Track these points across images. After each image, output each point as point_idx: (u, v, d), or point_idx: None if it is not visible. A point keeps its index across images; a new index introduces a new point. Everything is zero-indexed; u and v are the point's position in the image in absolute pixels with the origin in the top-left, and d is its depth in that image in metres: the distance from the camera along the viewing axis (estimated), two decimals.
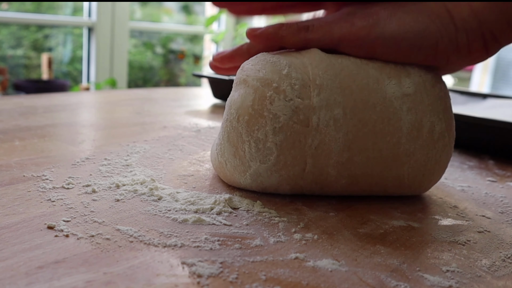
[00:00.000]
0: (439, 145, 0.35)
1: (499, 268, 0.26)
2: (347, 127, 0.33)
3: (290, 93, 0.33)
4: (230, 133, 0.34)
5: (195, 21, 3.10)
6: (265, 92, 0.33)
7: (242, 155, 0.33)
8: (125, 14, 2.42)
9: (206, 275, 0.23)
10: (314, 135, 0.33)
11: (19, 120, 0.54)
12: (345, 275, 0.24)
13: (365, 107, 0.33)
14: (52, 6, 2.44)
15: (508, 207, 0.37)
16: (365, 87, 0.34)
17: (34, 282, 0.21)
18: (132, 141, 0.47)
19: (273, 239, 0.27)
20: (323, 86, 0.33)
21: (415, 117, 0.34)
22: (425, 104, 0.35)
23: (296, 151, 0.33)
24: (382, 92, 0.34)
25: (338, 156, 0.33)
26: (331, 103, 0.33)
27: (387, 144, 0.34)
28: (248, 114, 0.33)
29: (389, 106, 0.34)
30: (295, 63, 0.34)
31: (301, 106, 0.33)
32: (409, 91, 0.35)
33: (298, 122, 0.32)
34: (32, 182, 0.34)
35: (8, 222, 0.27)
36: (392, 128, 0.34)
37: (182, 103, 0.76)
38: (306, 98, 0.33)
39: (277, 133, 0.32)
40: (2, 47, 2.32)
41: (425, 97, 0.35)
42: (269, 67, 0.34)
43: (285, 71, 0.33)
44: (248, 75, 0.34)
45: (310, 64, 0.34)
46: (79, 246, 0.25)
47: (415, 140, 0.34)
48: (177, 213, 0.30)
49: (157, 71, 3.02)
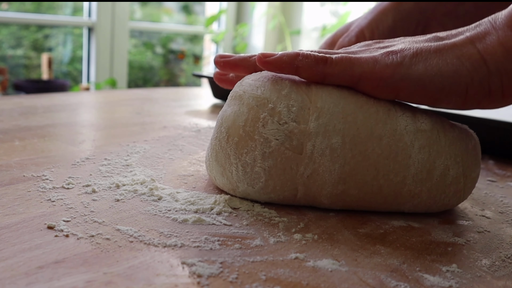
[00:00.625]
0: (451, 190, 0.32)
1: (499, 268, 0.26)
2: (344, 159, 0.30)
3: (286, 116, 0.30)
4: (219, 152, 0.32)
5: (195, 21, 3.10)
6: (259, 113, 0.31)
7: (230, 176, 0.32)
8: (125, 14, 2.41)
9: (206, 275, 0.23)
10: (307, 163, 0.30)
11: (19, 120, 0.54)
12: (345, 275, 0.24)
13: (369, 138, 0.30)
14: (52, 6, 2.44)
15: (508, 207, 0.37)
16: (372, 116, 0.31)
17: (34, 282, 0.21)
18: (132, 141, 0.47)
19: (273, 239, 0.27)
20: (323, 110, 0.30)
21: (427, 157, 0.31)
22: (441, 144, 0.32)
23: (286, 178, 0.31)
24: (393, 124, 0.31)
25: (332, 188, 0.31)
26: (329, 129, 0.30)
27: (390, 182, 0.31)
28: (238, 136, 0.31)
29: (399, 141, 0.31)
30: (298, 82, 0.32)
31: (296, 131, 0.30)
32: (425, 127, 0.32)
33: (291, 148, 0.30)
34: (32, 182, 0.34)
35: (8, 222, 0.27)
36: (398, 166, 0.31)
37: (182, 103, 0.76)
38: (302, 122, 0.30)
39: (266, 158, 0.30)
40: (2, 47, 2.32)
41: (443, 137, 0.32)
42: (269, 85, 0.32)
43: (285, 90, 0.31)
44: (245, 91, 0.32)
45: (315, 84, 0.32)
46: (79, 246, 0.25)
47: (423, 182, 0.31)
48: (177, 213, 0.30)
49: (157, 71, 3.01)
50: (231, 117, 0.32)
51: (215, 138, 0.33)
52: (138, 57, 2.87)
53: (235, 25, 2.85)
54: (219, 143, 0.32)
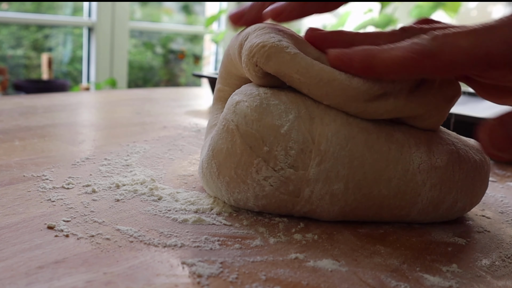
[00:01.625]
0: (454, 216, 0.32)
1: (499, 268, 0.26)
2: (345, 201, 0.29)
3: (282, 161, 0.27)
4: (209, 183, 0.31)
5: (195, 21, 3.10)
6: (252, 157, 0.28)
7: (222, 202, 0.31)
8: (125, 14, 2.42)
9: (206, 275, 0.23)
10: (303, 205, 0.29)
11: (19, 120, 0.54)
12: (345, 275, 0.24)
13: (376, 181, 0.28)
14: (52, 6, 2.44)
15: (508, 207, 0.37)
16: (383, 157, 0.28)
17: (34, 282, 0.21)
18: (132, 141, 0.47)
19: (273, 239, 0.27)
20: (327, 154, 0.27)
21: (437, 194, 0.30)
22: (454, 180, 0.30)
23: (281, 211, 0.30)
24: (405, 163, 0.29)
25: (331, 219, 0.30)
26: (331, 176, 0.28)
27: (393, 216, 0.30)
28: (229, 176, 0.29)
29: (410, 181, 0.29)
30: (302, 114, 0.28)
31: (293, 177, 0.28)
32: (440, 163, 0.29)
33: (286, 193, 0.28)
34: (32, 182, 0.34)
35: (8, 222, 0.27)
36: (404, 203, 0.29)
37: (182, 103, 0.76)
38: (301, 168, 0.27)
39: (260, 199, 0.29)
40: (2, 47, 2.32)
41: (457, 171, 0.30)
42: (267, 117, 0.28)
43: (284, 128, 0.27)
44: (239, 124, 0.28)
45: (320, 120, 0.28)
46: (79, 246, 0.25)
47: (428, 214, 0.30)
48: (177, 213, 0.30)
49: (157, 71, 3.02)
50: (223, 154, 0.29)
51: (206, 167, 0.30)
52: (138, 57, 2.87)
53: None
54: (209, 175, 0.30)
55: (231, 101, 0.30)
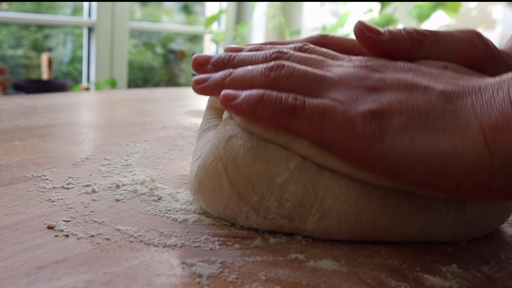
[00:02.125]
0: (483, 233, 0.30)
1: (499, 268, 0.26)
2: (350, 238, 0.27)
3: (275, 212, 0.25)
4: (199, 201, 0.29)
5: (195, 21, 3.10)
6: (240, 205, 0.25)
7: None
8: (125, 14, 2.41)
9: (206, 275, 0.23)
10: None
11: (19, 120, 0.54)
12: (345, 275, 0.24)
13: (386, 234, 0.27)
14: (52, 6, 2.44)
15: None
16: (400, 214, 0.25)
17: (34, 282, 0.21)
18: (132, 141, 0.47)
19: (273, 239, 0.27)
20: (331, 212, 0.24)
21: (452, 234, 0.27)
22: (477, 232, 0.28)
23: None
24: (425, 219, 0.26)
25: None
26: (333, 231, 0.25)
27: None
28: (218, 214, 0.28)
29: (426, 234, 0.27)
30: (306, 163, 0.24)
31: (287, 226, 0.25)
32: (470, 218, 0.27)
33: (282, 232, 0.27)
34: (32, 182, 0.34)
35: (8, 222, 0.27)
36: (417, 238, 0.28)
37: (182, 103, 0.76)
38: (298, 221, 0.25)
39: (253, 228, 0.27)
40: (2, 47, 2.32)
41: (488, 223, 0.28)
42: (262, 163, 0.24)
43: (281, 178, 0.24)
44: (227, 165, 0.25)
45: (330, 171, 0.24)
46: (79, 246, 0.25)
47: None
48: (177, 213, 0.30)
49: (157, 71, 3.01)
50: (209, 192, 0.27)
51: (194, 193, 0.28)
52: (138, 57, 2.86)
53: (235, 25, 2.85)
54: (198, 205, 0.29)
55: (223, 133, 0.27)
